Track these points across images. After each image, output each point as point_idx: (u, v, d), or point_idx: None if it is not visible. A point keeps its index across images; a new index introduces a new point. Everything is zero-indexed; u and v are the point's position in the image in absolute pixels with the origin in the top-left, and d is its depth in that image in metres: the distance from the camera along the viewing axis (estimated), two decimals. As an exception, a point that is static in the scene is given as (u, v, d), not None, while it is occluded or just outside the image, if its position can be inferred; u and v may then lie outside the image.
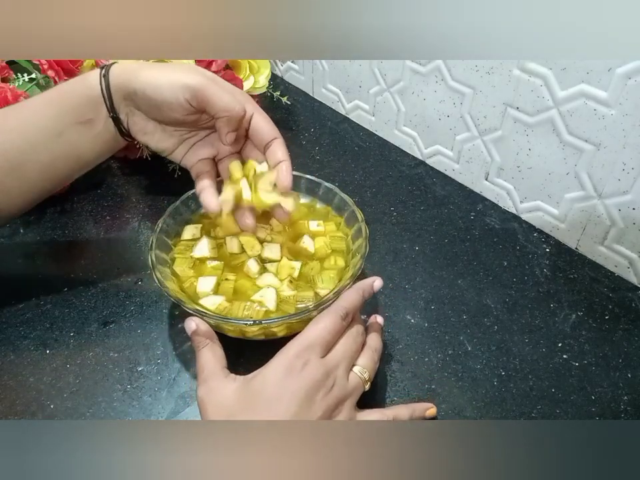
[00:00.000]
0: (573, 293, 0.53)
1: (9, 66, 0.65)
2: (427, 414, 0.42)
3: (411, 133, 0.69)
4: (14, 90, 0.57)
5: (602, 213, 0.53)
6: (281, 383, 0.36)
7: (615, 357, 0.48)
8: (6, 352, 0.48)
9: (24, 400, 0.44)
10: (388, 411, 0.40)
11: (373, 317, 0.45)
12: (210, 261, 0.49)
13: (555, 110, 0.52)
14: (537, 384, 0.46)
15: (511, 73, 0.54)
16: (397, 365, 0.47)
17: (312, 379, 0.36)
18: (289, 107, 0.78)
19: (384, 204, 0.64)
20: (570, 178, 0.54)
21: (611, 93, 0.47)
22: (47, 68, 0.59)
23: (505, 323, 0.51)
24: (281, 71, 0.86)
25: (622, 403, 0.44)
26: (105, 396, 0.45)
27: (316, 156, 0.70)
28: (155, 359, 0.48)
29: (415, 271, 0.56)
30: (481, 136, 0.61)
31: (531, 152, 0.57)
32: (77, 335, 0.49)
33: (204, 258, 0.49)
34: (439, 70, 0.61)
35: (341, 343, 0.40)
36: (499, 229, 0.60)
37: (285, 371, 0.36)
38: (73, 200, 0.63)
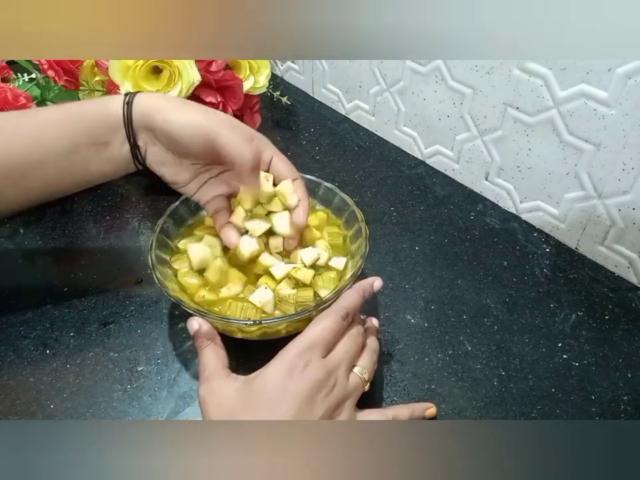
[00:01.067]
0: (573, 293, 0.53)
1: (9, 66, 0.65)
2: (427, 414, 0.42)
3: (411, 133, 0.69)
4: (14, 90, 0.57)
5: (602, 212, 0.53)
6: (282, 382, 0.36)
7: (614, 357, 0.48)
8: (6, 352, 0.48)
9: (24, 400, 0.44)
10: (388, 410, 0.40)
11: (368, 320, 0.46)
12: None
13: (555, 110, 0.52)
14: (537, 384, 0.46)
15: (510, 72, 0.54)
16: (397, 365, 0.47)
17: (313, 379, 0.36)
18: (288, 107, 0.78)
19: (384, 204, 0.64)
20: (570, 178, 0.54)
21: (610, 93, 0.47)
22: (47, 68, 0.59)
23: (504, 323, 0.51)
24: (280, 71, 0.86)
25: (622, 403, 0.44)
26: (105, 396, 0.45)
27: (316, 156, 0.70)
28: (155, 358, 0.48)
29: (414, 270, 0.56)
30: (481, 136, 0.61)
31: (530, 152, 0.57)
32: (77, 335, 0.49)
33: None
34: (439, 70, 0.61)
35: (342, 343, 0.40)
36: (499, 229, 0.60)
37: (286, 371, 0.36)
38: (73, 200, 0.63)
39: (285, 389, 0.36)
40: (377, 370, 0.46)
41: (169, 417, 0.44)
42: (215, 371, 0.39)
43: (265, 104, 0.77)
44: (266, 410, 0.35)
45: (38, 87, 0.65)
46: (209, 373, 0.39)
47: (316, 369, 0.37)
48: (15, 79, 0.64)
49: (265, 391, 0.36)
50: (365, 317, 0.46)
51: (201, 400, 0.38)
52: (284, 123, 0.76)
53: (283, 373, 0.36)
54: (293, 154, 0.71)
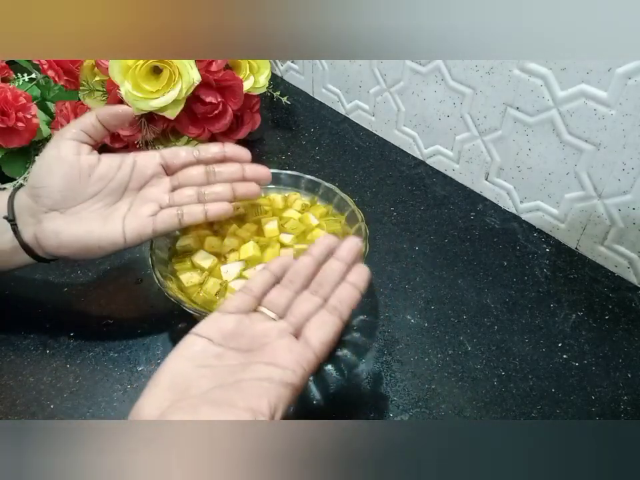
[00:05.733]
0: (573, 293, 0.53)
1: (9, 66, 0.65)
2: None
3: (410, 133, 0.69)
4: (14, 90, 0.57)
5: (602, 213, 0.53)
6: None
7: (615, 357, 0.48)
8: (6, 352, 0.48)
9: (24, 400, 0.44)
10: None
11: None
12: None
13: (555, 110, 0.52)
14: (537, 384, 0.46)
15: (510, 73, 0.54)
16: (396, 365, 0.47)
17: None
18: (288, 106, 0.78)
19: (384, 204, 0.64)
20: (570, 178, 0.54)
21: (610, 93, 0.47)
22: (47, 68, 0.59)
23: (504, 323, 0.51)
24: (280, 71, 0.86)
25: (622, 402, 0.44)
26: (105, 396, 0.45)
27: (316, 156, 0.70)
28: (155, 359, 0.48)
29: (414, 270, 0.56)
30: (481, 136, 0.61)
31: (531, 152, 0.57)
32: (77, 335, 0.49)
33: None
34: (439, 70, 0.61)
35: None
36: (499, 229, 0.60)
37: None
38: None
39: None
40: (377, 370, 0.46)
41: (168, 417, 0.44)
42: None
43: (265, 104, 0.77)
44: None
45: (38, 86, 0.65)
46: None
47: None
48: (15, 79, 0.64)
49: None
50: (365, 316, 0.46)
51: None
52: (284, 123, 0.76)
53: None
54: (292, 154, 0.71)
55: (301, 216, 0.52)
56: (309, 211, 0.53)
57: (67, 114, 0.60)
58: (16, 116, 0.57)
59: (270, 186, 0.54)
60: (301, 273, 0.39)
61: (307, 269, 0.39)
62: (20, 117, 0.57)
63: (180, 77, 0.57)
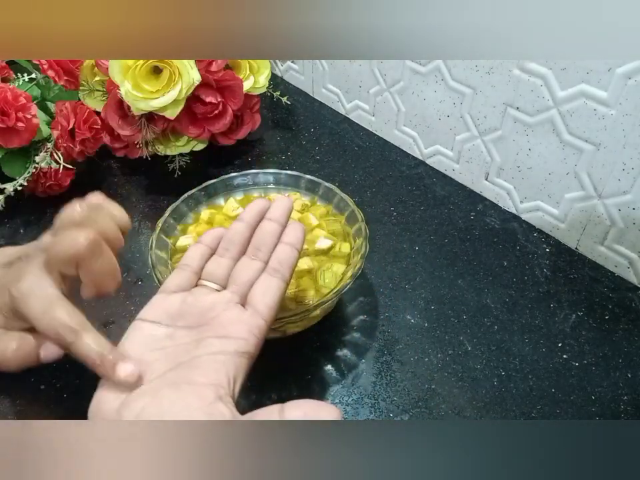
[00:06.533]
0: (573, 293, 0.53)
1: (9, 66, 0.65)
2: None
3: (411, 133, 0.69)
4: (14, 90, 0.57)
5: (602, 212, 0.53)
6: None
7: (615, 357, 0.48)
8: (6, 352, 0.48)
9: (24, 400, 0.44)
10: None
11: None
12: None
13: (555, 110, 0.52)
14: (537, 384, 0.46)
15: (510, 72, 0.54)
16: (396, 365, 0.47)
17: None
18: (288, 107, 0.78)
19: (384, 204, 0.64)
20: (570, 178, 0.54)
21: (610, 93, 0.47)
22: (47, 68, 0.59)
23: (504, 323, 0.51)
24: (280, 71, 0.86)
25: (622, 403, 0.44)
26: (105, 396, 0.45)
27: (316, 156, 0.70)
28: (155, 358, 0.47)
29: (414, 270, 0.56)
30: (481, 136, 0.61)
31: (531, 152, 0.57)
32: (77, 335, 0.49)
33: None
34: (439, 70, 0.61)
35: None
36: (499, 229, 0.60)
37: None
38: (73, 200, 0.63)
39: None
40: (376, 370, 0.46)
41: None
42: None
43: (265, 104, 0.77)
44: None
45: (38, 86, 0.65)
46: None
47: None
48: (15, 79, 0.64)
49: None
50: (365, 316, 0.46)
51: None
52: (284, 123, 0.76)
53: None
54: (292, 154, 0.71)
55: (301, 216, 0.52)
56: (309, 211, 0.53)
57: (67, 114, 0.60)
58: (16, 116, 0.57)
59: (270, 186, 0.54)
60: (235, 239, 0.39)
61: (240, 234, 0.39)
62: (20, 117, 0.57)
63: (180, 76, 0.57)
